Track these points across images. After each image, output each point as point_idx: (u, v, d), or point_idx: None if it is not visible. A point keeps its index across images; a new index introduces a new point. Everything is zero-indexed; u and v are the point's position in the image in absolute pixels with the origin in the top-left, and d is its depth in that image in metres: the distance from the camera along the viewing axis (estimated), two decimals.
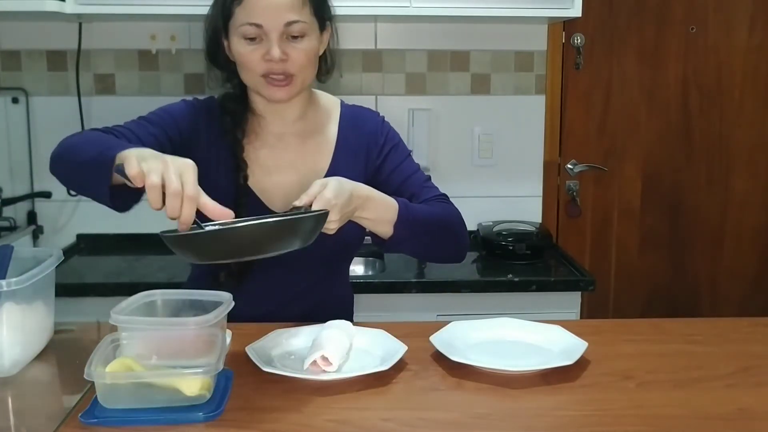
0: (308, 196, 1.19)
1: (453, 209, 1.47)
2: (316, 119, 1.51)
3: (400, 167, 1.50)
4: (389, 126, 1.56)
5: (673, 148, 2.68)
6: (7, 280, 1.11)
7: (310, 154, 1.48)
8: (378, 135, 1.51)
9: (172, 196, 1.04)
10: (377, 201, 1.32)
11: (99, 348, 1.04)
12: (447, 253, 1.48)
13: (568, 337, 1.26)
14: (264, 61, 1.35)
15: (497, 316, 1.35)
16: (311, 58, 1.39)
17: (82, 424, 0.98)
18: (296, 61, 1.36)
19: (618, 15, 2.60)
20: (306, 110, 1.50)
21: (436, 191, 1.49)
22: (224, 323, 1.14)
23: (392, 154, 1.51)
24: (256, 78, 1.38)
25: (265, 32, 1.34)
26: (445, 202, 1.48)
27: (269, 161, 1.47)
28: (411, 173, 1.50)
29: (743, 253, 2.74)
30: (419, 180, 1.50)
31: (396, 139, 1.54)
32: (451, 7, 2.17)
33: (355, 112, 1.55)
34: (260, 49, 1.35)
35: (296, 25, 1.34)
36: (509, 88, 2.58)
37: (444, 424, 1.00)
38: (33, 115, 2.47)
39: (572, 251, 2.56)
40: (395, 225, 1.33)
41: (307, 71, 1.40)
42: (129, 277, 2.17)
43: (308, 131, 1.50)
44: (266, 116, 1.48)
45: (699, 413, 1.03)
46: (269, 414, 1.02)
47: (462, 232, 1.47)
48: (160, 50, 2.46)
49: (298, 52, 1.36)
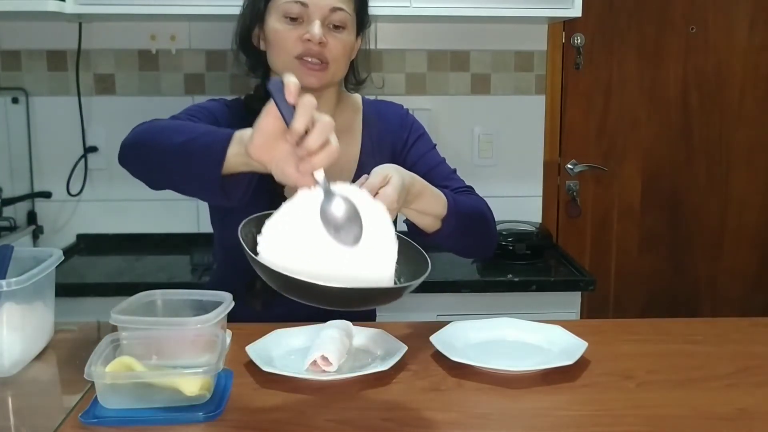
0: (371, 187, 1.08)
1: (485, 202, 1.44)
2: (343, 118, 1.50)
3: (425, 158, 1.48)
4: (413, 117, 1.55)
5: (673, 148, 2.68)
6: (7, 280, 1.11)
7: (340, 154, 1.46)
8: (401, 127, 1.51)
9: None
10: (429, 196, 1.26)
11: (99, 348, 1.04)
12: (483, 247, 1.45)
13: (568, 337, 1.26)
14: (301, 42, 1.33)
15: (497, 316, 1.35)
16: (347, 51, 1.39)
17: (82, 424, 0.98)
18: (333, 50, 1.35)
19: (618, 15, 2.60)
20: (334, 111, 1.48)
21: (462, 183, 1.47)
22: (224, 323, 1.14)
23: (417, 144, 1.50)
24: (290, 59, 1.35)
25: (309, 13, 1.33)
26: (475, 194, 1.46)
27: None
28: (436, 164, 1.48)
29: (743, 253, 2.74)
30: (445, 171, 1.48)
31: (420, 130, 1.53)
32: (451, 7, 2.17)
33: (378, 106, 1.55)
34: (300, 29, 1.33)
35: (340, 13, 1.34)
36: (509, 88, 2.58)
37: (444, 424, 1.00)
38: (33, 115, 2.47)
39: (572, 251, 2.56)
40: (444, 219, 1.28)
41: (341, 63, 1.38)
42: (129, 277, 2.17)
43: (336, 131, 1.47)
44: None
45: (699, 413, 1.03)
46: (269, 414, 1.02)
47: (494, 226, 1.46)
48: (160, 50, 2.46)
49: (337, 41, 1.35)
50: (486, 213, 1.43)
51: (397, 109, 1.55)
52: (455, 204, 1.31)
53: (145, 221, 2.48)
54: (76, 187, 2.47)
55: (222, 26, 2.45)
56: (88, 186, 2.49)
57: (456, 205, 1.31)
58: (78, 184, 2.48)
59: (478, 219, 1.38)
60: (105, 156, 2.47)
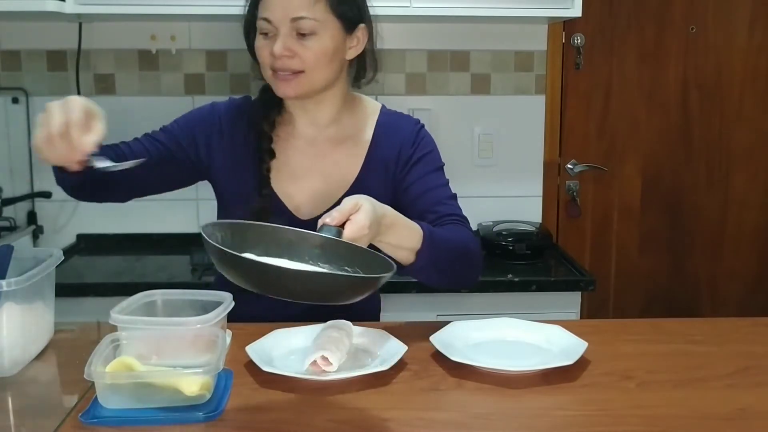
0: (341, 213, 1.10)
1: (471, 235, 1.40)
2: (350, 124, 1.48)
3: (424, 178, 1.44)
4: (425, 134, 1.50)
5: (673, 148, 2.68)
6: (7, 280, 1.11)
7: (341, 160, 1.46)
8: (409, 144, 1.46)
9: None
10: (402, 228, 1.23)
11: (99, 348, 1.04)
12: (461, 281, 1.41)
13: (568, 337, 1.26)
14: (271, 56, 1.35)
15: (497, 316, 1.35)
16: (321, 57, 1.36)
17: (82, 424, 0.98)
18: (304, 59, 1.34)
19: (618, 15, 2.60)
20: (340, 114, 1.48)
21: (455, 210, 1.43)
22: (224, 323, 1.14)
23: (420, 163, 1.45)
24: (268, 73, 1.38)
25: (274, 27, 1.34)
26: (463, 225, 1.41)
27: (298, 166, 1.45)
28: (434, 186, 1.44)
29: (743, 253, 2.74)
30: (441, 195, 1.44)
31: (428, 149, 1.48)
32: (451, 7, 2.17)
33: (393, 119, 1.51)
34: (270, 45, 1.35)
35: (304, 21, 1.33)
36: (509, 88, 2.57)
37: (444, 424, 1.00)
38: (33, 115, 2.47)
39: (572, 251, 2.56)
40: (418, 253, 1.25)
41: (320, 71, 1.37)
42: (129, 277, 2.17)
43: (341, 136, 1.47)
44: (297, 116, 1.47)
45: (699, 413, 1.03)
46: (269, 414, 1.02)
47: (478, 261, 1.41)
48: (160, 50, 2.46)
49: (307, 50, 1.34)
50: (469, 247, 1.38)
51: (411, 123, 1.51)
52: (431, 237, 1.27)
53: (145, 221, 2.47)
54: None
55: (222, 26, 2.45)
56: None
57: (432, 238, 1.27)
58: None
59: (457, 253, 1.34)
60: None
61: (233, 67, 2.48)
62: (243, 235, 1.05)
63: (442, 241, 1.30)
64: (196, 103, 1.56)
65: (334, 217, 1.10)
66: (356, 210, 1.11)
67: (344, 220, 1.10)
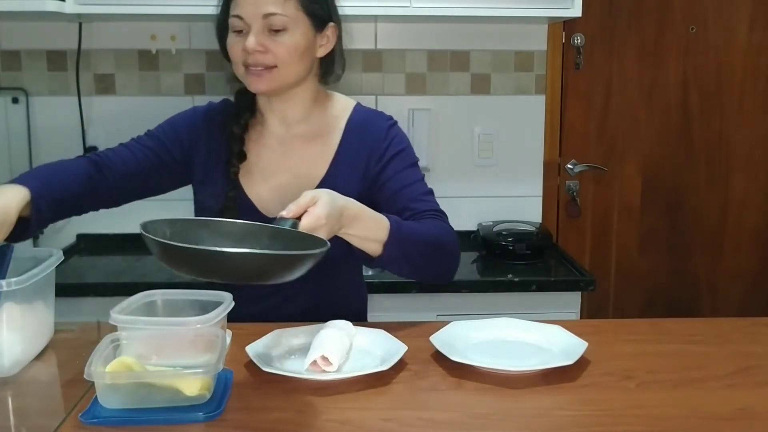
0: (298, 206, 1.13)
1: (447, 228, 1.40)
2: (321, 122, 1.49)
3: (399, 175, 1.45)
4: (397, 131, 1.50)
5: (673, 148, 2.68)
6: (7, 280, 1.11)
7: (310, 158, 1.47)
8: (381, 141, 1.46)
9: None
10: (367, 220, 1.26)
11: (99, 348, 1.04)
12: (436, 274, 1.42)
13: (568, 337, 1.26)
14: (243, 52, 1.37)
15: (497, 316, 1.35)
16: (293, 53, 1.38)
17: (82, 424, 0.98)
18: (276, 55, 1.36)
19: (618, 15, 2.60)
20: (310, 112, 1.49)
21: (432, 205, 1.43)
22: (224, 323, 1.14)
23: (394, 160, 1.46)
24: (240, 69, 1.40)
25: (246, 24, 1.36)
26: (440, 219, 1.41)
27: (267, 165, 1.47)
28: (410, 183, 1.44)
29: (743, 253, 2.74)
30: (417, 191, 1.44)
31: (401, 146, 1.48)
32: (451, 7, 2.17)
33: (365, 116, 1.51)
34: (243, 41, 1.37)
35: (276, 17, 1.35)
36: (509, 88, 2.57)
37: (444, 424, 1.00)
38: (33, 115, 2.47)
39: (572, 251, 2.56)
40: (385, 245, 1.27)
41: (291, 66, 1.39)
42: (129, 277, 2.17)
43: (311, 134, 1.48)
44: (267, 117, 1.49)
45: (699, 413, 1.03)
46: (269, 414, 1.02)
47: (454, 254, 1.41)
48: (160, 50, 2.46)
49: (278, 45, 1.36)
50: (444, 240, 1.38)
51: (382, 121, 1.50)
52: (399, 229, 1.28)
53: None
54: None
55: None
56: None
57: (400, 230, 1.28)
58: None
59: (430, 246, 1.35)
60: None
61: None
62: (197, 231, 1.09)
63: (412, 234, 1.31)
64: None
65: (290, 210, 1.13)
66: (314, 203, 1.14)
67: (301, 212, 1.13)
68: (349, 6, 1.80)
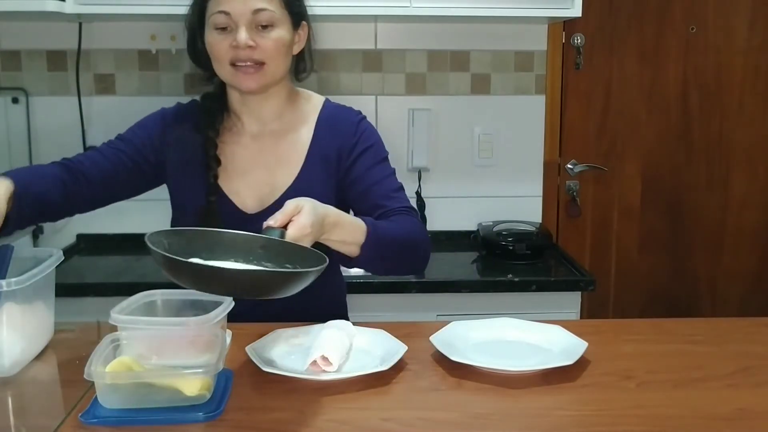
0: (284, 215, 1.16)
1: (417, 225, 1.43)
2: (293, 119, 1.51)
3: (369, 172, 1.46)
4: (366, 125, 1.51)
5: (673, 148, 2.68)
6: (7, 280, 1.11)
7: (283, 154, 1.48)
8: (351, 136, 1.48)
9: None
10: (346, 225, 1.29)
11: (99, 348, 1.04)
12: (407, 269, 1.47)
13: (568, 337, 1.26)
14: (231, 49, 1.37)
15: (497, 316, 1.35)
16: (281, 48, 1.39)
17: (82, 424, 0.98)
18: (265, 50, 1.37)
19: (618, 15, 2.60)
20: (283, 109, 1.50)
21: (403, 203, 1.45)
22: (224, 323, 1.14)
23: (363, 156, 1.47)
24: (226, 68, 1.39)
25: (234, 20, 1.36)
26: (411, 216, 1.43)
27: (243, 162, 1.47)
28: (379, 179, 1.46)
29: (743, 253, 2.74)
30: (387, 188, 1.45)
31: (370, 141, 1.49)
32: (451, 7, 2.17)
33: (334, 112, 1.53)
34: (229, 38, 1.37)
35: (264, 13, 1.36)
36: (509, 88, 2.57)
37: (444, 424, 1.00)
38: (33, 115, 2.47)
39: (572, 251, 2.56)
40: (362, 247, 1.30)
41: (278, 62, 1.40)
42: (129, 277, 2.17)
43: (284, 130, 1.50)
44: (242, 115, 1.49)
45: (699, 413, 1.03)
46: (269, 414, 1.02)
47: (425, 248, 1.44)
48: (160, 50, 2.45)
49: (267, 41, 1.37)
50: (415, 237, 1.41)
51: (351, 115, 1.52)
52: (375, 231, 1.32)
53: (145, 221, 2.46)
54: None
55: None
56: None
57: (376, 232, 1.32)
58: None
59: (402, 244, 1.38)
60: None
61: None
62: (191, 241, 1.12)
63: (387, 234, 1.35)
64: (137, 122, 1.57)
65: (277, 219, 1.15)
66: (298, 212, 1.17)
67: (287, 221, 1.16)
68: (349, 6, 1.83)
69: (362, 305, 1.77)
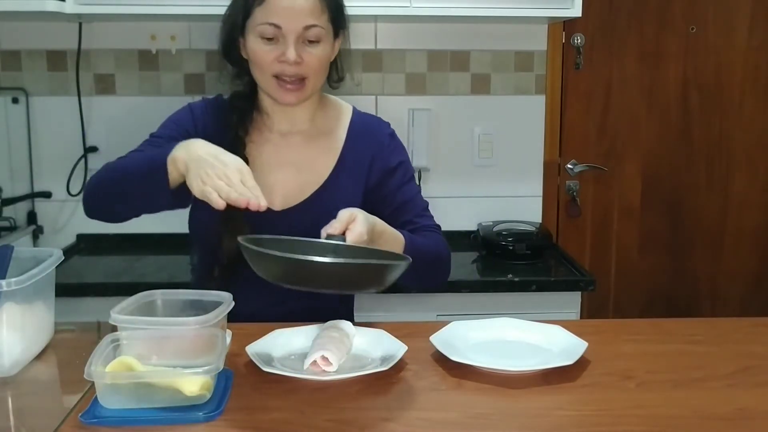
0: (340, 223, 1.20)
1: (444, 244, 1.50)
2: (324, 123, 1.52)
3: (402, 189, 1.51)
4: (398, 141, 1.56)
5: (673, 148, 2.68)
6: (7, 280, 1.11)
7: (314, 155, 1.49)
8: (384, 149, 1.51)
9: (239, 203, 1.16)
10: (389, 235, 1.33)
11: (99, 348, 1.04)
12: (431, 284, 1.51)
13: (568, 337, 1.26)
14: (278, 62, 1.37)
15: (497, 316, 1.35)
16: (324, 63, 1.42)
17: (82, 424, 0.98)
18: (310, 66, 1.38)
19: (618, 15, 2.60)
20: (315, 114, 1.51)
21: (431, 221, 1.52)
22: (224, 323, 1.14)
23: (397, 173, 1.51)
24: (268, 78, 1.40)
25: (283, 34, 1.36)
26: (439, 234, 1.50)
27: (272, 159, 1.48)
28: (411, 197, 1.51)
29: (743, 253, 2.74)
30: (418, 207, 1.51)
31: (402, 157, 1.54)
32: (451, 7, 2.17)
33: (366, 120, 1.56)
34: (276, 50, 1.37)
35: (314, 29, 1.37)
36: (509, 88, 2.58)
37: (444, 424, 1.00)
38: (33, 115, 2.47)
39: (572, 251, 2.56)
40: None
41: (319, 76, 1.42)
42: (129, 277, 2.17)
43: (315, 133, 1.51)
44: (273, 116, 1.50)
45: (699, 413, 1.03)
46: (269, 414, 1.02)
47: (448, 266, 1.52)
48: (160, 50, 2.45)
49: (312, 57, 1.38)
50: (441, 254, 1.48)
51: (384, 127, 1.56)
52: (411, 245, 1.37)
53: (145, 221, 2.45)
54: (76, 187, 2.47)
55: None
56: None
57: (412, 244, 1.37)
58: (78, 184, 2.48)
59: (431, 260, 1.44)
60: (105, 156, 2.46)
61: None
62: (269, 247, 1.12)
63: (420, 247, 1.39)
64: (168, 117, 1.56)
65: (336, 228, 1.19)
66: (352, 220, 1.21)
67: (344, 229, 1.20)
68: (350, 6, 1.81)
69: (363, 305, 1.77)
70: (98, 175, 1.38)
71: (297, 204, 1.46)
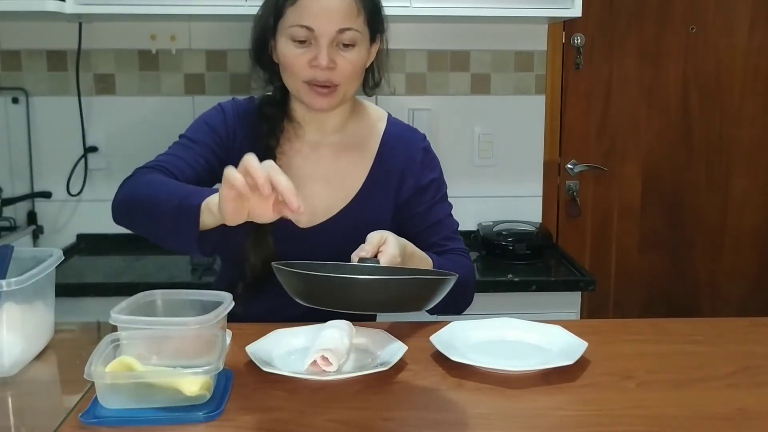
0: (372, 246, 1.17)
1: (471, 270, 1.46)
2: (356, 132, 1.46)
3: (433, 210, 1.45)
4: (433, 155, 1.49)
5: (673, 148, 2.68)
6: (7, 280, 1.11)
7: (343, 168, 1.43)
8: (416, 163, 1.45)
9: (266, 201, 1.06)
10: (417, 258, 1.31)
11: (99, 348, 1.04)
12: (453, 310, 1.45)
13: (568, 337, 1.26)
14: (309, 67, 1.31)
15: (497, 316, 1.35)
16: (358, 69, 1.35)
17: (82, 424, 0.97)
18: (343, 71, 1.31)
19: (618, 15, 2.60)
20: (347, 122, 1.45)
21: (460, 244, 1.47)
22: (224, 323, 1.14)
23: (429, 190, 1.45)
24: (299, 83, 1.33)
25: (316, 37, 1.29)
26: (466, 257, 1.46)
27: (301, 172, 1.41)
28: (442, 218, 1.47)
29: (743, 253, 2.74)
30: (448, 229, 1.47)
31: (436, 173, 1.48)
32: (451, 7, 2.17)
33: (401, 130, 1.49)
34: (308, 54, 1.30)
35: (348, 33, 1.30)
36: (509, 88, 2.58)
37: (444, 424, 1.00)
38: (33, 115, 2.47)
39: (572, 251, 2.56)
40: None
41: (352, 82, 1.36)
42: (129, 277, 2.17)
43: (346, 144, 1.45)
44: (304, 125, 1.44)
45: (699, 413, 1.03)
46: (269, 414, 1.02)
47: (473, 292, 1.47)
48: (160, 50, 2.46)
49: (346, 62, 1.31)
50: (468, 279, 1.43)
51: (419, 141, 1.48)
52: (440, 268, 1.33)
53: None
54: (76, 187, 2.48)
55: (222, 26, 2.45)
56: (88, 186, 2.49)
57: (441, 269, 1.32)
58: (78, 184, 2.48)
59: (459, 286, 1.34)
60: (105, 156, 2.47)
61: (233, 67, 2.48)
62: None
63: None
64: (196, 103, 1.55)
65: (367, 251, 1.17)
66: (383, 242, 1.19)
67: (375, 252, 1.18)
68: None
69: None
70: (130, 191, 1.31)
71: (324, 221, 1.41)
